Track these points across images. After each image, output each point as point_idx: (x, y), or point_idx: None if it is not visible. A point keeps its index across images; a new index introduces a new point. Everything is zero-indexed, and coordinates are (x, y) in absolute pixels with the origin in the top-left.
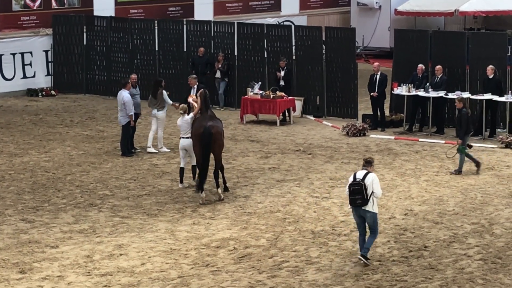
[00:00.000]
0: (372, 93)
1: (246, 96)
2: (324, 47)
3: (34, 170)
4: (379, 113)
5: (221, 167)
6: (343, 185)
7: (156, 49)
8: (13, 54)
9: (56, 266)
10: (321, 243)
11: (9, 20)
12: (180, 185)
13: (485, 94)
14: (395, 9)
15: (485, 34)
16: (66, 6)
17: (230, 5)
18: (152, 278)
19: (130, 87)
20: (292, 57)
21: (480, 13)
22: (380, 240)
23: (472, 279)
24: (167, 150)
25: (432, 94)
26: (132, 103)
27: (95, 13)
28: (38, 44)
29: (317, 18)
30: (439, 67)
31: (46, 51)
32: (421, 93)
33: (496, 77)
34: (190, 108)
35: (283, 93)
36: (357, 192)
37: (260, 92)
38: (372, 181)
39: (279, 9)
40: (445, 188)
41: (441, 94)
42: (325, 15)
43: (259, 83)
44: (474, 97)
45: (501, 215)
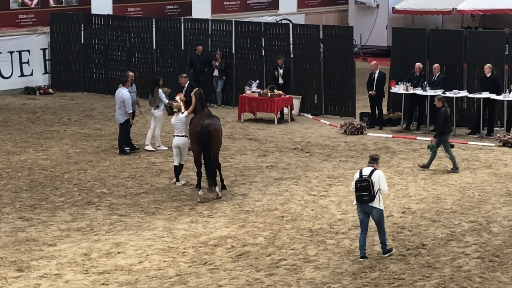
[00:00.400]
0: (370, 92)
1: (244, 95)
2: (322, 46)
3: (32, 168)
4: (377, 112)
5: (219, 165)
6: (341, 183)
7: (154, 47)
8: (11, 52)
9: (54, 264)
10: (319, 241)
11: (7, 18)
12: (178, 183)
13: (483, 93)
14: (393, 8)
15: (483, 33)
16: (64, 4)
17: (228, 4)
18: (150, 276)
19: (129, 85)
20: (290, 56)
21: (478, 12)
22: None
23: (470, 277)
24: (165, 148)
25: (430, 93)
26: (131, 101)
27: (93, 11)
28: (36, 42)
29: (315, 17)
30: (437, 66)
31: (44, 49)
32: (419, 92)
33: (494, 76)
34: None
35: (281, 91)
36: (364, 189)
37: (258, 91)
38: (379, 178)
39: (277, 8)
40: (443, 186)
41: (439, 93)
42: (323, 14)
43: (257, 82)
44: (472, 96)
45: (499, 213)
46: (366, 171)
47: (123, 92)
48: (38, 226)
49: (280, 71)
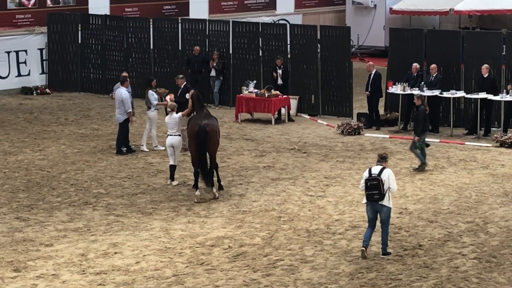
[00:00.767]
0: (366, 92)
1: (241, 95)
2: (319, 46)
3: (29, 169)
4: (371, 110)
5: (216, 166)
6: (338, 184)
7: (151, 48)
8: (8, 52)
9: (51, 265)
10: (316, 242)
11: (4, 18)
12: (174, 183)
13: (480, 93)
14: (390, 8)
15: (480, 33)
16: (61, 4)
17: (225, 4)
18: (147, 277)
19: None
20: (287, 56)
21: (475, 12)
22: (375, 239)
23: (467, 278)
24: (162, 148)
25: (427, 93)
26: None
27: (90, 12)
28: (33, 42)
29: (312, 17)
30: (434, 66)
31: (41, 49)
32: (416, 92)
33: (491, 76)
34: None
35: (278, 92)
36: (374, 187)
37: (255, 91)
38: (389, 176)
39: (274, 8)
40: (440, 187)
41: (436, 93)
42: (320, 14)
43: (254, 82)
44: (469, 96)
45: (496, 214)
46: (376, 170)
47: (122, 92)
48: (35, 226)
49: (279, 72)
